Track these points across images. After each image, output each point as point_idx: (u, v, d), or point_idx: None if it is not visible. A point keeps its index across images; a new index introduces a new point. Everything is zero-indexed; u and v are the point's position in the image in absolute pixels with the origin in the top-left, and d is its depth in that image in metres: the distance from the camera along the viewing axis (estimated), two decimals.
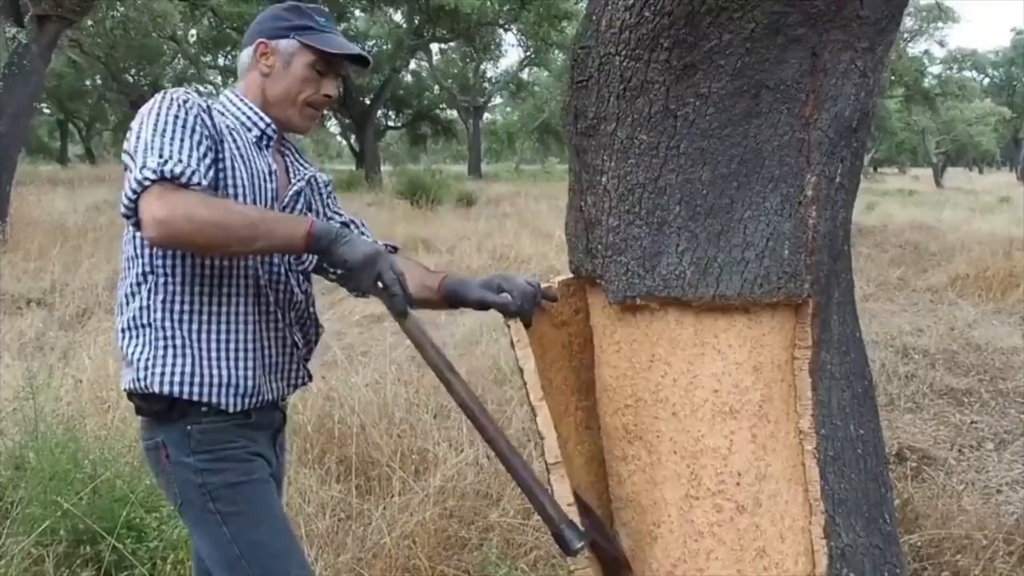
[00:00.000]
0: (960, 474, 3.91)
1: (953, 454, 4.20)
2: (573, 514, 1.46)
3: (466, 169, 36.22)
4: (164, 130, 1.53)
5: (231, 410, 1.65)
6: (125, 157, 1.55)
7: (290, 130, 1.80)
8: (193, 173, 1.48)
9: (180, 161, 1.48)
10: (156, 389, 1.61)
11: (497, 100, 44.24)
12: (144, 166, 1.46)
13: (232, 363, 1.66)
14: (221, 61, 32.44)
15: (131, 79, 30.45)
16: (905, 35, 30.22)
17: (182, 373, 1.62)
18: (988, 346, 6.58)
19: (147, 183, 1.44)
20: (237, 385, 1.65)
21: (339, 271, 1.54)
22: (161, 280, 1.63)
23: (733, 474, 1.43)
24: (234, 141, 1.67)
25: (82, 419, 3.56)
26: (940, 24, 33.38)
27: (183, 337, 1.63)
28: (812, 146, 1.42)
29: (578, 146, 1.56)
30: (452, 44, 33.53)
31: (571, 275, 1.69)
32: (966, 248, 11.55)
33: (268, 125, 1.75)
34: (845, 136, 1.45)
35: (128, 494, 2.77)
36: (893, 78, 28.49)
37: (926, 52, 41.00)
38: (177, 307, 1.63)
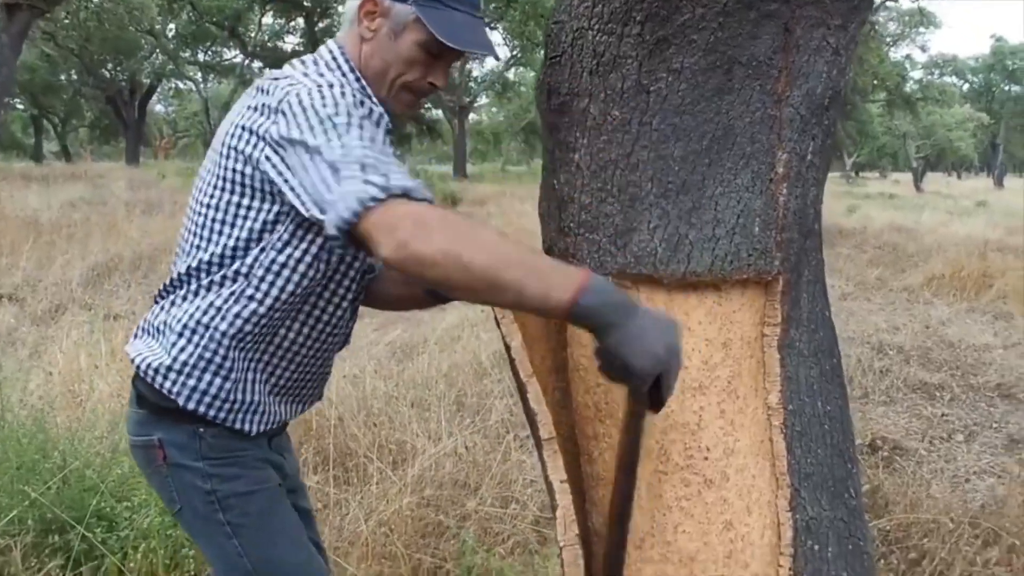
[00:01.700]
0: (930, 464, 3.96)
1: (924, 445, 4.26)
2: (565, 492, 1.45)
3: (451, 170, 36.16)
4: (361, 135, 1.28)
5: (253, 433, 1.53)
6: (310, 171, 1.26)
7: None
8: (421, 188, 1.23)
9: (404, 175, 1.23)
10: (181, 402, 1.46)
11: (483, 100, 44.20)
12: (367, 181, 1.19)
13: (269, 394, 1.54)
14: (201, 57, 32.18)
15: (107, 74, 30.14)
16: (888, 39, 30.53)
17: (215, 396, 1.48)
18: (961, 343, 6.66)
19: (371, 203, 1.17)
20: (264, 412, 1.54)
21: (597, 351, 1.17)
22: (250, 292, 1.44)
23: (701, 449, 1.44)
24: None
25: (52, 411, 3.52)
26: (922, 29, 33.78)
27: (233, 361, 1.47)
28: (784, 123, 1.44)
29: (551, 123, 1.57)
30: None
31: None
32: (943, 249, 11.68)
33: (382, 115, 1.38)
34: (817, 114, 1.46)
35: (98, 483, 2.75)
36: (875, 82, 28.77)
37: (908, 57, 41.50)
38: (248, 328, 1.46)
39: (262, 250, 1.44)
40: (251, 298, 1.44)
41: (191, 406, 1.47)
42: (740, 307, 1.47)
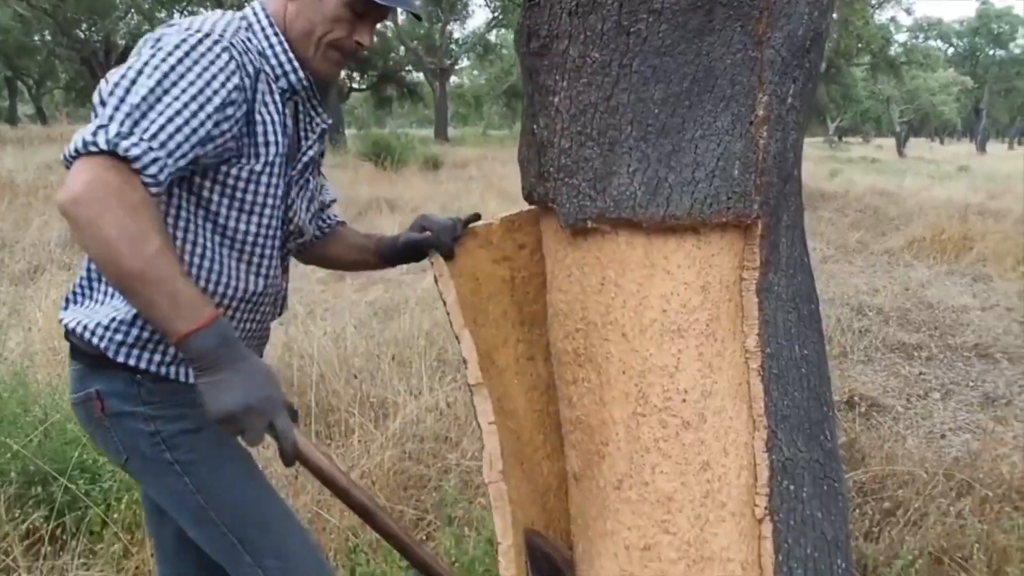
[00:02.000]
0: (906, 420, 4.03)
1: (901, 402, 4.32)
2: (492, 433, 1.47)
3: (432, 133, 35.88)
4: (167, 90, 1.26)
5: (191, 381, 1.41)
6: (100, 93, 1.29)
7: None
8: (157, 169, 1.23)
9: (152, 147, 1.23)
10: (111, 356, 1.42)
11: (464, 63, 43.76)
12: (106, 126, 1.22)
13: None
14: (177, 17, 31.57)
15: (82, 34, 29.49)
16: (872, 2, 30.36)
17: (143, 348, 1.44)
18: (940, 304, 6.74)
19: (93, 148, 1.20)
20: None
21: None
22: (182, 224, 1.41)
23: (679, 391, 1.45)
24: (268, 90, 1.43)
25: (32, 367, 3.50)
26: None
27: None
28: (764, 65, 1.43)
29: (530, 67, 1.55)
30: (418, 2, 32.96)
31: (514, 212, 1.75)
32: (924, 213, 11.76)
33: (300, 80, 1.47)
34: (798, 56, 1.45)
35: (79, 436, 2.74)
36: (860, 45, 28.68)
37: (893, 20, 41.35)
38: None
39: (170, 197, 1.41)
40: (179, 228, 1.42)
41: (121, 359, 1.43)
42: (719, 251, 1.47)
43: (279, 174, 1.48)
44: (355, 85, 37.19)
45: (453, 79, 44.64)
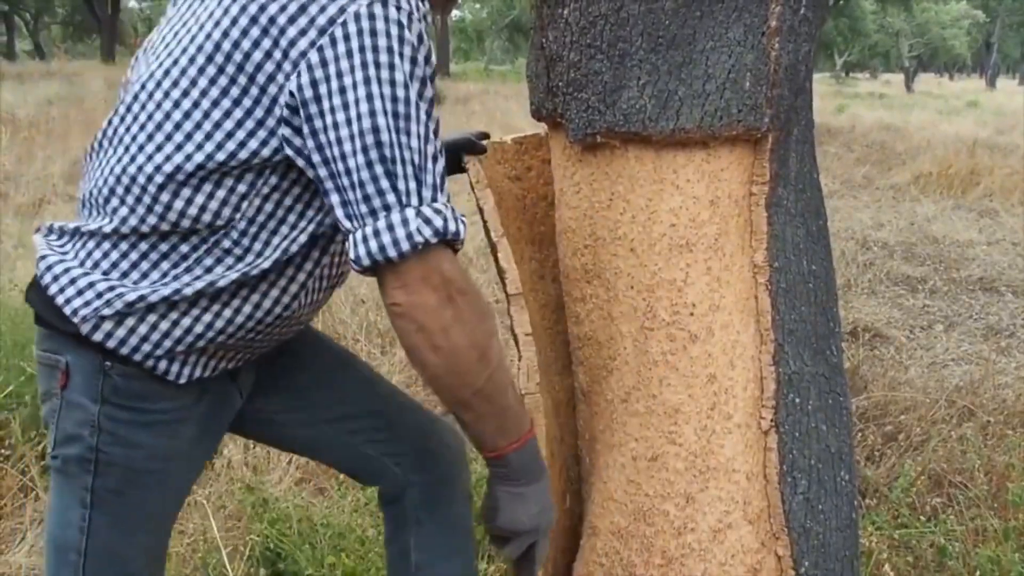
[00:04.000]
0: (909, 350, 4.05)
1: (904, 333, 4.35)
2: (530, 345, 1.48)
3: None
4: (418, 119, 1.05)
5: (181, 381, 1.22)
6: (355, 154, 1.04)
7: None
8: (460, 227, 1.08)
9: (445, 207, 1.06)
10: (98, 337, 1.16)
11: None
12: (410, 203, 1.03)
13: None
14: None
15: None
16: None
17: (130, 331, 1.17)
18: (945, 239, 6.73)
19: (420, 245, 1.03)
20: (201, 359, 1.24)
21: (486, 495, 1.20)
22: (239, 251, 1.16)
23: (687, 305, 1.46)
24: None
25: None
26: None
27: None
28: None
29: None
30: None
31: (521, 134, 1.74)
32: (931, 148, 11.64)
33: (431, 51, 1.14)
34: None
35: None
36: None
37: None
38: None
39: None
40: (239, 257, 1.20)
41: (98, 336, 1.15)
42: (728, 165, 1.47)
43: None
44: None
45: (455, 13, 43.75)
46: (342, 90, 1.04)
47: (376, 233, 1.04)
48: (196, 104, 1.11)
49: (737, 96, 1.42)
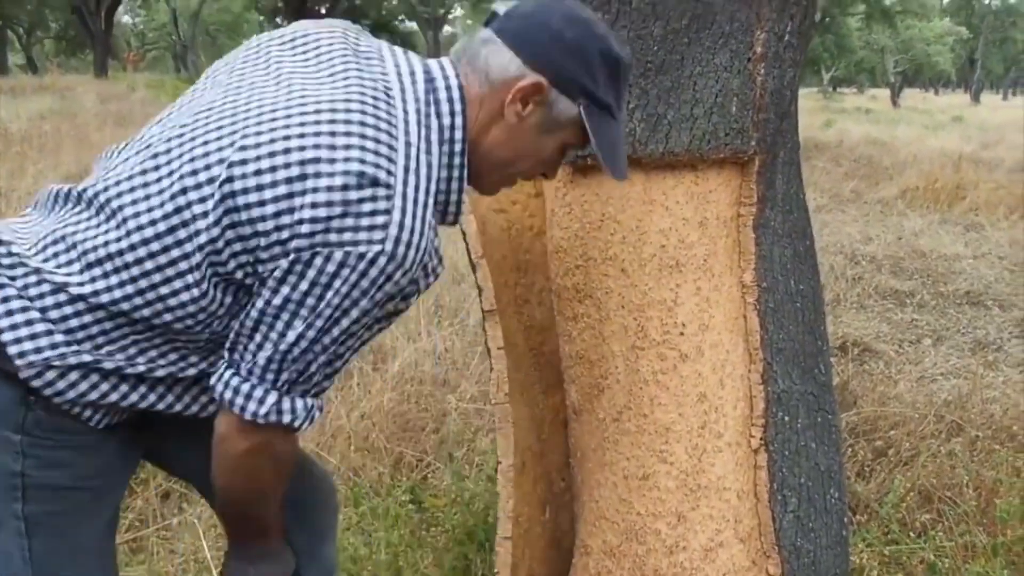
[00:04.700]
0: (898, 365, 4.07)
1: (893, 347, 4.37)
2: (501, 358, 1.53)
3: None
4: (338, 338, 1.10)
5: (100, 426, 1.20)
6: (262, 321, 1.08)
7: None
8: (308, 423, 1.16)
9: (308, 404, 1.14)
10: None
11: (457, 11, 43.06)
12: (282, 391, 1.10)
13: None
14: None
15: None
16: None
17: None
18: (933, 253, 6.77)
19: (260, 423, 1.10)
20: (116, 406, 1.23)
21: None
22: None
23: (677, 325, 1.48)
24: None
25: None
26: None
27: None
28: (762, 2, 1.43)
29: None
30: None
31: None
32: (917, 163, 11.72)
33: (456, 211, 1.21)
34: None
35: None
36: None
37: None
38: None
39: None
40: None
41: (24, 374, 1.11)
42: (717, 187, 1.49)
43: None
44: None
45: (446, 29, 44.00)
46: (291, 301, 1.07)
47: (236, 391, 1.10)
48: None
49: (724, 120, 1.45)
